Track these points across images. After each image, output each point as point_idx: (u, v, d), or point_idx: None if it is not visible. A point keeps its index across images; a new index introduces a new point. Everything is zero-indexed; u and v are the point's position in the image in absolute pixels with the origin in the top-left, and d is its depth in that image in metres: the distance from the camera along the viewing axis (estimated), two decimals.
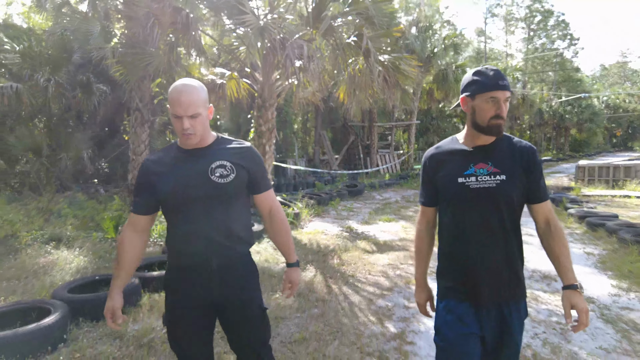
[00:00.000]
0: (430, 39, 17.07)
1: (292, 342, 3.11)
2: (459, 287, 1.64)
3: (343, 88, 8.12)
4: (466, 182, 1.58)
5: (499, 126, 1.55)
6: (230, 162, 1.68)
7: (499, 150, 1.60)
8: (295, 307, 3.77)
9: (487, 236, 1.58)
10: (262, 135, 7.98)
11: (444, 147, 1.72)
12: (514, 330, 1.60)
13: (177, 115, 1.60)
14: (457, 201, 1.62)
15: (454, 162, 1.63)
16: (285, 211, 7.98)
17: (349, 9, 6.53)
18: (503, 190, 1.55)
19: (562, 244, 1.60)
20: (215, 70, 9.08)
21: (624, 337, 3.34)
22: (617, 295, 4.29)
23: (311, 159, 19.45)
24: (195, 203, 1.64)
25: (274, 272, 4.85)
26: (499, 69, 1.60)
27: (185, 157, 1.69)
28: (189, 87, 1.61)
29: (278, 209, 1.85)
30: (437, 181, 1.68)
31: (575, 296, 1.54)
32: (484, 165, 1.58)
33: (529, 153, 1.60)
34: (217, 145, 1.73)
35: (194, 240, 1.67)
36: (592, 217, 7.55)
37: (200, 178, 1.64)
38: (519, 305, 1.63)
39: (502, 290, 1.59)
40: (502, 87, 1.54)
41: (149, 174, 1.70)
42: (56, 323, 2.99)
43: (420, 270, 1.84)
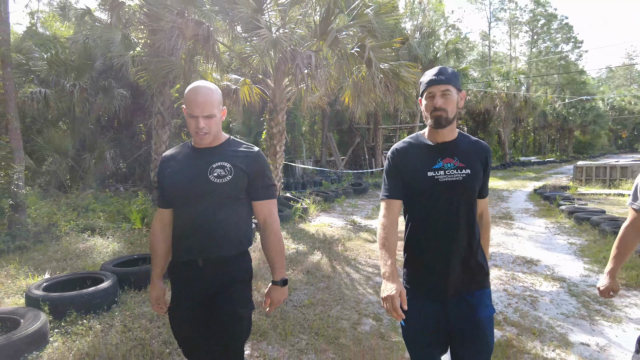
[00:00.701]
0: (433, 44, 17.64)
1: (302, 306, 3.76)
2: (427, 281, 1.67)
3: (348, 93, 8.77)
4: (435, 175, 1.64)
5: (439, 118, 1.63)
6: (231, 164, 1.70)
7: (462, 146, 1.68)
8: (305, 281, 4.42)
9: (454, 227, 1.63)
10: (274, 137, 8.66)
11: (410, 142, 1.76)
12: (482, 321, 1.62)
13: (193, 115, 1.64)
14: (427, 194, 1.66)
15: (422, 156, 1.68)
16: (294, 206, 8.64)
17: (354, 22, 7.17)
18: (468, 184, 1.63)
19: (487, 239, 1.82)
20: (229, 77, 9.76)
21: (583, 306, 3.94)
22: (587, 276, 4.88)
23: (318, 159, 20.10)
24: (191, 200, 1.69)
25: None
26: (444, 68, 1.67)
27: (195, 155, 1.75)
28: (206, 89, 1.66)
29: (274, 221, 1.81)
30: (405, 175, 1.70)
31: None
32: (451, 159, 1.65)
33: (486, 152, 1.70)
34: (226, 147, 1.77)
35: (186, 236, 1.71)
36: (580, 212, 8.10)
37: (199, 176, 1.68)
38: (484, 296, 1.67)
39: (469, 279, 1.64)
40: (437, 82, 1.62)
41: (164, 169, 1.78)
42: (109, 288, 3.67)
43: (389, 264, 1.66)
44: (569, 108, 34.58)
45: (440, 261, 1.64)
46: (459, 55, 18.51)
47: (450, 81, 1.62)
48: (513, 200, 12.17)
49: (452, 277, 1.62)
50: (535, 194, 12.81)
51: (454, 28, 41.63)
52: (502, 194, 13.65)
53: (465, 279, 1.64)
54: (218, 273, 1.71)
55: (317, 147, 21.90)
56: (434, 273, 1.65)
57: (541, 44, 41.32)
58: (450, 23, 37.61)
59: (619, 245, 2.02)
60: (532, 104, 26.50)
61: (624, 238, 2.01)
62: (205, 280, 1.71)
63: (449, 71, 1.65)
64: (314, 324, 3.35)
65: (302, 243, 6.25)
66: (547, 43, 40.74)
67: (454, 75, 1.66)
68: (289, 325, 3.29)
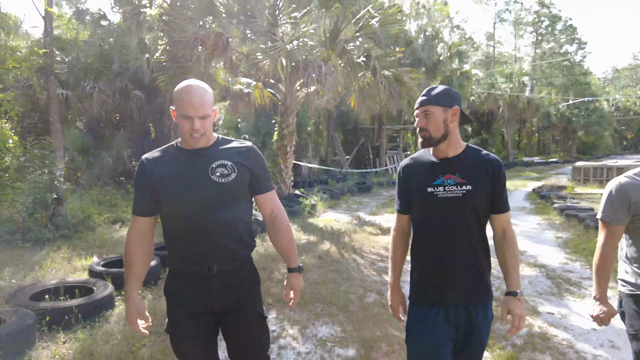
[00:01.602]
0: (436, 47, 18.24)
1: (316, 284, 4.44)
2: (428, 290, 1.72)
3: (354, 97, 9.41)
4: (435, 191, 1.67)
5: (422, 137, 1.71)
6: (232, 162, 1.64)
7: (465, 162, 1.69)
8: (317, 265, 5.10)
9: (453, 242, 1.67)
10: (284, 137, 9.35)
11: (417, 158, 1.81)
12: (480, 331, 1.68)
13: (187, 116, 1.55)
14: (427, 209, 1.71)
15: (424, 172, 1.73)
16: (303, 202, 9.31)
17: (360, 33, 7.83)
18: (469, 200, 1.64)
19: (512, 254, 1.70)
20: (242, 80, 10.45)
21: (556, 286, 4.59)
22: (565, 263, 5.52)
23: (324, 159, 20.77)
24: (196, 204, 1.59)
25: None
26: (432, 88, 1.72)
27: (186, 157, 1.65)
28: (200, 89, 1.57)
29: (281, 211, 1.78)
30: (410, 190, 1.77)
31: (513, 302, 1.63)
32: (451, 176, 1.67)
33: (495, 166, 1.68)
34: (218, 146, 1.69)
35: (196, 243, 1.61)
36: (569, 210, 8.72)
37: (201, 178, 1.60)
38: (486, 307, 1.71)
39: (468, 293, 1.67)
40: (420, 104, 1.71)
41: (147, 173, 1.64)
42: (156, 266, 4.37)
43: (394, 275, 1.90)
44: (572, 109, 34.97)
45: (438, 274, 1.69)
46: (462, 57, 19.07)
47: (430, 101, 1.68)
48: (511, 199, 12.62)
49: (451, 290, 1.67)
50: (533, 193, 13.39)
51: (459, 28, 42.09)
52: None
53: (468, 293, 1.68)
54: (232, 278, 1.65)
55: (323, 147, 22.57)
56: (434, 284, 1.70)
57: (545, 45, 41.73)
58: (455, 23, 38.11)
59: (599, 267, 1.91)
60: (534, 105, 27.00)
61: (603, 258, 1.89)
62: (220, 288, 1.63)
63: (434, 91, 1.70)
64: (327, 296, 4.03)
65: (312, 235, 6.93)
66: (551, 44, 41.13)
67: (441, 94, 1.69)
68: (307, 297, 3.97)
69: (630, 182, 1.84)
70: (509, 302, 1.64)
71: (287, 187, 9.79)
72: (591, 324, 3.63)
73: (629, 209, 1.82)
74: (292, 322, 3.51)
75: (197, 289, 1.63)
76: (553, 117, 34.75)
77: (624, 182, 1.85)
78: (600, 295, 1.91)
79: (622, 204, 1.83)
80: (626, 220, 1.84)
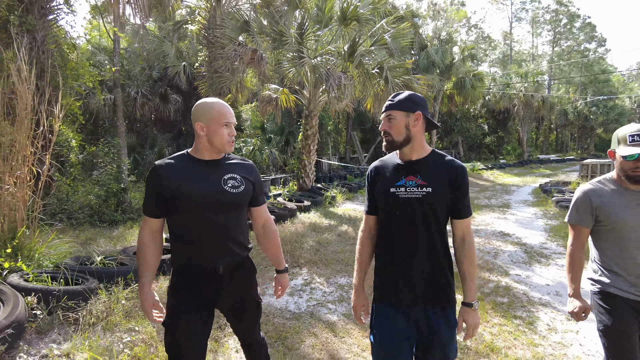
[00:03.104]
0: (450, 50, 19.18)
1: (336, 252, 5.70)
2: (388, 290, 1.77)
3: (370, 100, 10.60)
4: (396, 192, 1.72)
5: (385, 141, 1.79)
6: (240, 175, 1.85)
7: (428, 165, 1.74)
8: (337, 240, 6.36)
9: (413, 243, 1.70)
10: (308, 137, 10.63)
11: (385, 160, 1.87)
12: (442, 336, 1.68)
13: (229, 122, 1.79)
14: (388, 209, 1.76)
15: (389, 174, 1.79)
16: (325, 194, 10.57)
17: (375, 47, 9.03)
18: (427, 202, 1.68)
19: (470, 262, 1.74)
20: (271, 87, 11.78)
21: (529, 257, 5.73)
22: (544, 243, 6.62)
23: (342, 156, 21.99)
24: (208, 210, 1.75)
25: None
26: (397, 94, 1.79)
27: (202, 167, 1.81)
28: (222, 101, 1.83)
29: (271, 221, 2.03)
30: (375, 191, 1.83)
31: (468, 313, 1.72)
32: (413, 177, 1.72)
33: (457, 172, 1.71)
34: (227, 160, 1.89)
35: (205, 245, 1.77)
36: (563, 202, 9.72)
37: (215, 187, 1.78)
38: (446, 312, 1.72)
39: (427, 294, 1.70)
40: (384, 109, 1.78)
41: (160, 179, 1.75)
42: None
43: (358, 276, 1.93)
44: (590, 107, 35.12)
45: (399, 273, 1.73)
46: (474, 60, 19.91)
47: (394, 106, 1.74)
48: (517, 194, 13.73)
49: (410, 291, 1.71)
50: (538, 189, 14.29)
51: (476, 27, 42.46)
52: (510, 189, 15.18)
53: (426, 294, 1.71)
54: (235, 275, 1.87)
55: (342, 145, 23.78)
56: (394, 284, 1.75)
57: (563, 43, 41.74)
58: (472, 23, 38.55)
59: (570, 266, 2.06)
60: (549, 103, 27.50)
61: (572, 258, 2.06)
62: (225, 285, 1.84)
63: (398, 96, 1.77)
64: (344, 260, 5.29)
65: (333, 220, 8.19)
66: (570, 42, 41.14)
67: (404, 100, 1.75)
68: (329, 260, 5.24)
69: (592, 188, 2.00)
70: (464, 313, 1.73)
71: (310, 181, 11.07)
72: (547, 280, 4.81)
73: (592, 213, 1.98)
74: (319, 275, 4.79)
75: (203, 286, 1.80)
76: (570, 115, 34.98)
77: (587, 189, 2.01)
78: (574, 292, 2.04)
79: (585, 209, 1.99)
80: (590, 224, 2.00)
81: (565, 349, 3.22)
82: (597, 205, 1.95)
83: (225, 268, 1.81)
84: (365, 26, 8.98)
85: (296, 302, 4.04)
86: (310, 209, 9.08)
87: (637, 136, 1.82)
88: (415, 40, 17.70)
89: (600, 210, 1.95)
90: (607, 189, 1.97)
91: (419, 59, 18.33)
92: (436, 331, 1.69)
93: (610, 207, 1.93)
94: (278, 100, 11.36)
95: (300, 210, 8.63)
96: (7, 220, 3.51)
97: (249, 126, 18.27)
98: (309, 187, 10.95)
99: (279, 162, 16.41)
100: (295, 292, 4.30)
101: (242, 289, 1.91)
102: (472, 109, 28.02)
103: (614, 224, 1.92)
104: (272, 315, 3.66)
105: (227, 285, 1.84)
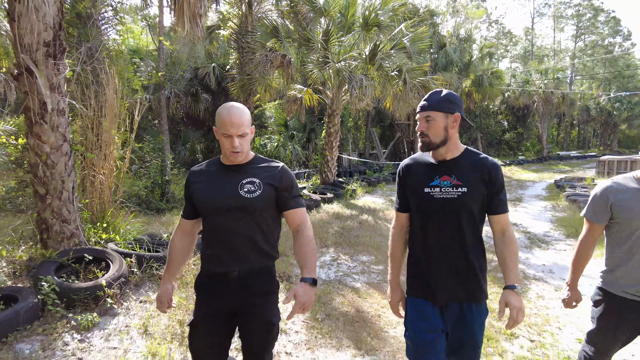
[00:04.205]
0: (468, 49, 19.60)
1: (358, 237, 6.50)
2: (423, 287, 1.81)
3: (389, 99, 11.30)
4: (431, 192, 1.75)
5: (422, 142, 1.78)
6: (260, 180, 1.81)
7: (462, 165, 1.76)
8: (358, 227, 7.17)
9: (448, 242, 1.74)
10: (331, 135, 11.43)
11: (416, 159, 1.88)
12: (474, 329, 1.75)
13: (227, 134, 1.74)
14: (423, 209, 1.79)
15: (422, 173, 1.80)
16: (346, 187, 11.37)
17: (394, 51, 9.73)
18: (463, 201, 1.71)
19: (511, 252, 1.75)
20: (296, 87, 12.61)
21: (531, 242, 6.41)
22: (548, 232, 7.26)
23: (362, 152, 22.72)
24: (224, 214, 1.78)
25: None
26: (434, 93, 1.78)
27: (225, 172, 1.85)
28: (238, 110, 1.76)
29: (306, 228, 1.86)
30: (407, 189, 1.86)
31: (511, 295, 1.67)
32: (448, 177, 1.74)
33: (491, 169, 1.73)
34: (253, 164, 1.87)
35: (220, 249, 1.81)
36: (573, 196, 10.24)
37: (231, 192, 1.78)
38: (480, 306, 1.78)
39: (461, 292, 1.75)
40: (421, 109, 1.77)
41: (190, 184, 1.88)
42: None
43: (393, 272, 1.96)
44: (613, 102, 34.68)
45: (434, 271, 1.76)
46: (492, 58, 20.25)
47: (433, 107, 1.72)
48: (532, 189, 14.20)
49: (446, 288, 1.74)
50: (553, 184, 14.71)
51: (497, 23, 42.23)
52: (525, 184, 15.63)
53: (461, 291, 1.74)
54: (251, 284, 1.80)
55: (361, 141, 24.49)
56: (430, 281, 1.77)
57: (587, 38, 41.14)
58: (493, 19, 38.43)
59: (576, 259, 2.09)
60: (569, 100, 27.47)
61: (579, 251, 2.08)
62: (239, 292, 1.80)
63: (437, 97, 1.74)
64: (365, 242, 6.10)
65: (354, 210, 8.99)
66: (593, 37, 40.54)
67: (443, 101, 1.73)
68: (352, 242, 6.05)
69: (612, 186, 2.00)
70: (507, 295, 1.68)
71: (332, 175, 11.88)
72: (543, 261, 5.50)
73: (607, 210, 1.99)
74: (344, 253, 5.61)
75: (218, 290, 1.81)
76: (593, 111, 34.64)
77: (607, 186, 2.02)
78: (571, 282, 2.11)
79: (601, 205, 2.00)
80: (605, 221, 2.01)
81: (548, 310, 3.95)
82: (613, 203, 1.96)
83: (241, 274, 1.79)
84: (386, 31, 9.70)
85: (326, 272, 4.88)
86: (332, 201, 9.90)
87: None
88: (434, 39, 18.21)
89: (616, 207, 1.96)
90: (628, 187, 1.96)
91: (438, 58, 18.83)
92: (469, 324, 1.74)
93: (627, 205, 1.93)
94: (302, 99, 12.20)
95: (323, 202, 9.45)
96: (99, 202, 4.45)
97: (272, 123, 19.18)
98: (331, 181, 11.76)
99: (302, 157, 17.28)
100: (325, 265, 5.14)
101: (255, 299, 1.80)
102: (491, 106, 28.22)
103: (627, 222, 1.94)
104: None
105: (241, 291, 1.80)
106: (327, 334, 3.30)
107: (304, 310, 1.67)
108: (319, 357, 2.99)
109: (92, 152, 4.35)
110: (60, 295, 3.14)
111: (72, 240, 3.75)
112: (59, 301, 3.13)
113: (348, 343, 3.19)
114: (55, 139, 3.55)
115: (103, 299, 3.24)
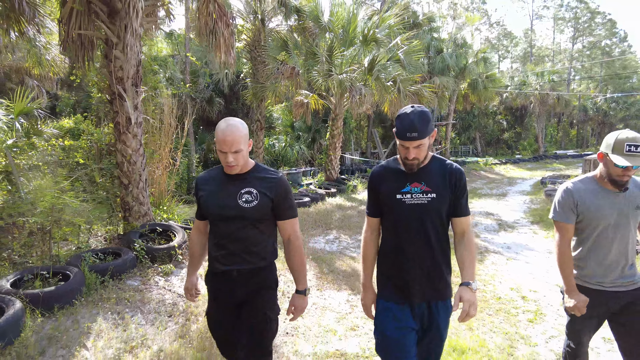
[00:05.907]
0: (464, 54, 20.86)
1: (358, 222, 7.85)
2: (395, 288, 1.93)
3: (386, 105, 12.66)
4: (403, 198, 1.86)
5: (411, 165, 1.84)
6: (257, 190, 1.96)
7: (430, 172, 1.88)
8: (357, 215, 8.54)
9: (418, 245, 1.86)
10: (334, 136, 12.82)
11: (387, 166, 1.99)
12: (440, 325, 1.91)
13: (222, 151, 1.89)
14: (394, 214, 1.89)
15: (394, 180, 1.91)
16: (348, 183, 12.75)
17: (390, 62, 11.09)
18: (433, 207, 1.84)
19: (470, 252, 1.88)
20: (302, 92, 13.98)
21: (500, 227, 7.74)
22: (517, 219, 8.59)
23: (364, 151, 24.08)
24: (224, 221, 1.96)
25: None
26: (420, 112, 1.77)
27: (226, 180, 2.00)
28: (232, 128, 1.88)
29: (296, 237, 2.05)
30: (379, 195, 1.95)
31: (465, 291, 1.79)
32: (418, 184, 1.85)
33: (456, 175, 1.87)
34: (252, 174, 2.01)
35: (221, 251, 1.99)
36: (550, 191, 11.52)
37: (230, 200, 1.94)
38: (446, 303, 1.93)
39: (430, 291, 1.89)
40: (410, 139, 1.76)
41: (198, 189, 2.07)
42: None
43: (366, 275, 2.05)
44: (610, 102, 35.76)
45: (405, 273, 1.89)
46: (487, 63, 21.50)
47: (422, 135, 1.75)
48: (520, 185, 15.46)
49: (414, 290, 1.87)
50: (539, 182, 15.95)
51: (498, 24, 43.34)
52: (515, 181, 16.88)
53: (431, 291, 1.89)
54: (249, 282, 1.99)
55: (363, 141, 25.83)
56: (401, 283, 1.90)
57: (584, 39, 42.16)
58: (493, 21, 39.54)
59: (561, 264, 2.12)
60: (564, 100, 28.63)
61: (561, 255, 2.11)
62: (238, 288, 1.99)
63: (420, 123, 1.75)
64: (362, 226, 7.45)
65: (354, 202, 10.36)
66: (590, 38, 41.56)
67: (426, 124, 1.76)
68: (352, 226, 7.43)
69: (574, 186, 2.10)
70: (461, 291, 1.80)
71: (335, 173, 13.27)
72: (505, 240, 6.84)
73: (574, 210, 2.08)
74: (345, 234, 6.99)
75: (222, 287, 2.03)
76: (590, 111, 35.74)
77: (569, 187, 2.11)
78: (569, 287, 2.11)
79: (568, 206, 2.08)
80: (574, 220, 2.09)
81: (496, 271, 5.30)
82: (577, 203, 2.06)
83: (240, 274, 1.98)
84: (383, 45, 11.07)
85: (330, 246, 6.26)
86: (336, 195, 11.28)
87: (634, 147, 1.88)
88: (432, 44, 19.51)
89: (580, 207, 2.06)
90: (587, 187, 2.08)
91: (435, 62, 20.11)
92: (435, 318, 1.90)
93: (589, 204, 2.05)
94: (308, 104, 13.58)
95: (328, 196, 10.82)
96: (158, 192, 5.86)
97: (280, 124, 20.58)
98: (335, 177, 13.14)
99: (307, 156, 18.69)
100: (328, 242, 6.52)
101: (253, 294, 1.99)
102: (489, 106, 29.44)
103: (591, 220, 2.05)
104: (315, 252, 5.90)
105: (242, 287, 1.99)
106: (331, 282, 4.69)
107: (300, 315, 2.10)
108: (325, 295, 4.38)
109: (157, 153, 5.76)
110: (147, 253, 4.55)
111: (145, 217, 5.14)
112: (147, 257, 4.54)
113: (345, 287, 4.57)
114: (135, 144, 4.94)
115: (175, 256, 4.65)
